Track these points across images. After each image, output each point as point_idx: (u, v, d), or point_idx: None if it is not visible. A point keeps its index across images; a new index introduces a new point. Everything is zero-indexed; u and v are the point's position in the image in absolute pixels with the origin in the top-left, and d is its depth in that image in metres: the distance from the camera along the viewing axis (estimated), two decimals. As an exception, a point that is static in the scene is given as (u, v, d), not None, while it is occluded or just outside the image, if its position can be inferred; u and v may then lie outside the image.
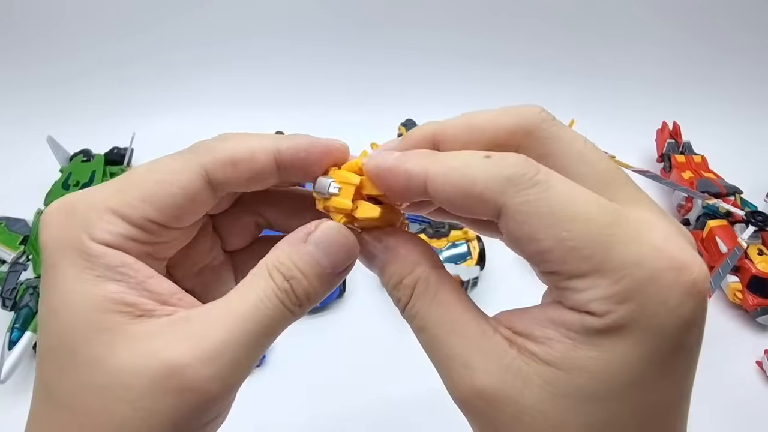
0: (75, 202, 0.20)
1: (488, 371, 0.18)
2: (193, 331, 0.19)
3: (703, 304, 0.17)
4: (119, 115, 0.92)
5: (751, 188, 0.76)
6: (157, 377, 0.18)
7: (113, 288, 0.19)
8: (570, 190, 0.18)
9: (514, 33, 1.03)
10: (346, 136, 0.83)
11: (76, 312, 0.18)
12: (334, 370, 0.57)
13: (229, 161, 0.21)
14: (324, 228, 0.21)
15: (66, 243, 0.19)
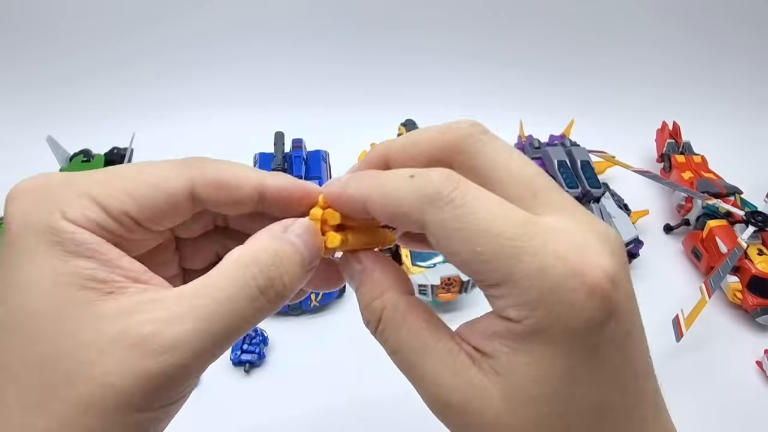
0: (52, 181, 0.20)
1: (457, 388, 0.20)
2: (164, 314, 0.18)
3: (607, 303, 0.18)
4: (119, 115, 0.92)
5: (751, 188, 0.76)
6: (123, 356, 0.18)
7: (83, 264, 0.19)
8: (483, 205, 0.19)
9: (514, 33, 1.03)
10: (346, 136, 0.83)
11: (43, 285, 0.18)
12: (333, 369, 0.57)
13: (216, 182, 0.22)
14: (302, 222, 0.22)
15: (35, 218, 0.19)
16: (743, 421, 0.54)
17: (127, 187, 0.20)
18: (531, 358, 0.19)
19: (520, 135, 0.85)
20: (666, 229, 0.76)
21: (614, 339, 0.19)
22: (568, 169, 0.73)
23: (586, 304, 0.18)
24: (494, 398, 0.19)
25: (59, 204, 0.19)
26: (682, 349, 0.58)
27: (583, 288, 0.18)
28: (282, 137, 0.76)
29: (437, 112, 0.89)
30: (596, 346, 0.19)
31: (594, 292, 0.18)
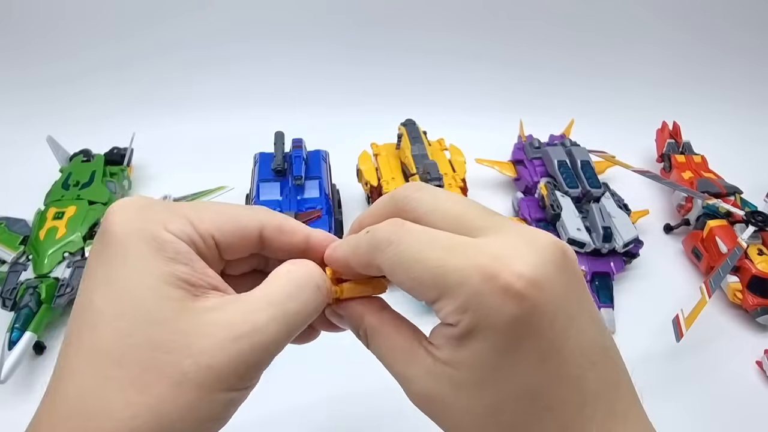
0: (150, 202, 0.24)
1: (419, 380, 0.24)
2: (243, 307, 0.23)
3: (525, 301, 0.21)
4: (119, 115, 0.92)
5: (751, 188, 0.76)
6: (216, 337, 0.21)
7: (182, 269, 0.22)
8: (414, 240, 0.23)
9: (514, 33, 1.03)
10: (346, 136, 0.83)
11: (150, 282, 0.22)
12: (333, 369, 0.57)
13: (279, 227, 0.27)
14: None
15: (139, 229, 0.22)
16: (743, 421, 0.54)
17: (215, 219, 0.25)
18: (468, 351, 0.22)
19: (520, 135, 0.85)
20: (666, 229, 0.76)
21: (541, 331, 0.22)
22: (568, 169, 0.73)
23: (504, 304, 0.21)
24: (445, 384, 0.23)
25: (161, 218, 0.23)
26: (682, 349, 0.58)
27: (498, 290, 0.21)
28: (282, 137, 0.76)
29: (437, 112, 0.89)
30: (520, 339, 0.22)
31: (507, 292, 0.21)
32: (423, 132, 0.78)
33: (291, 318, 0.24)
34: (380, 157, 0.78)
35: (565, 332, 0.22)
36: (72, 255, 0.61)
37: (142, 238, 0.22)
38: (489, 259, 0.22)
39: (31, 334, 0.53)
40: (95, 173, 0.73)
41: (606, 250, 0.65)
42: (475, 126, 0.87)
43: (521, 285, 0.21)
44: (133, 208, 0.23)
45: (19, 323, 0.54)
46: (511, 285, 0.21)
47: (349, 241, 0.26)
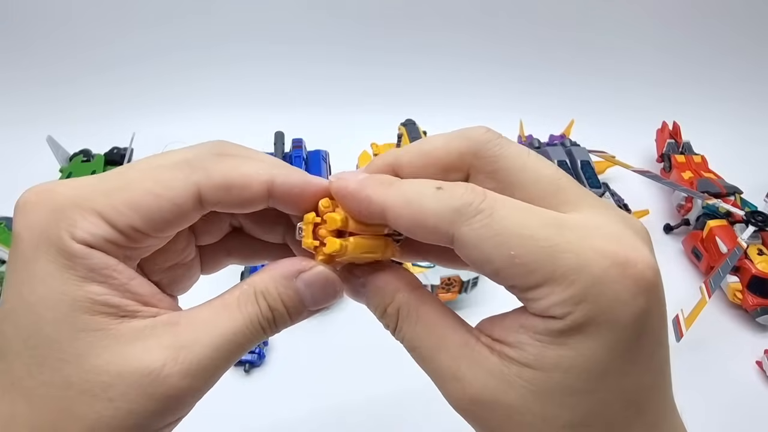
0: (57, 197, 0.20)
1: (476, 379, 0.20)
2: (177, 340, 0.20)
3: (655, 293, 0.19)
4: (119, 115, 0.92)
5: (751, 188, 0.76)
6: (138, 380, 0.19)
7: (97, 290, 0.19)
8: (512, 211, 0.19)
9: (515, 33, 1.03)
10: (346, 136, 0.83)
11: (59, 310, 0.19)
12: (333, 369, 0.57)
13: (223, 185, 0.21)
14: (316, 271, 0.22)
15: (46, 238, 0.19)
16: (743, 421, 0.54)
17: (132, 200, 0.20)
18: (567, 350, 0.19)
19: (520, 135, 0.85)
20: (666, 229, 0.76)
21: (653, 329, 0.19)
22: (568, 169, 0.73)
23: (634, 295, 0.18)
24: (516, 386, 0.19)
25: (67, 222, 0.19)
26: (682, 349, 0.58)
27: (630, 277, 0.18)
28: (282, 137, 0.76)
29: (437, 112, 0.89)
30: (639, 336, 0.19)
31: (641, 281, 0.18)
32: (423, 132, 0.78)
33: (227, 355, 0.20)
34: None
35: (664, 325, 0.20)
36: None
37: (48, 252, 0.19)
38: (612, 243, 0.19)
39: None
40: (95, 173, 0.72)
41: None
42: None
43: (652, 275, 0.19)
44: (37, 209, 0.19)
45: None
46: (644, 273, 0.18)
47: (403, 189, 0.20)
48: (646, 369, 0.20)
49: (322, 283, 0.22)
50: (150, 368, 0.19)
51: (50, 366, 0.19)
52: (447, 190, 0.20)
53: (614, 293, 0.18)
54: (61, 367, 0.19)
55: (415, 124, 0.79)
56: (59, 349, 0.19)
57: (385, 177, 0.22)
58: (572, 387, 0.19)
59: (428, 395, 0.54)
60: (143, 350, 0.19)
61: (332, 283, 0.22)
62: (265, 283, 0.21)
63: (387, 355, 0.59)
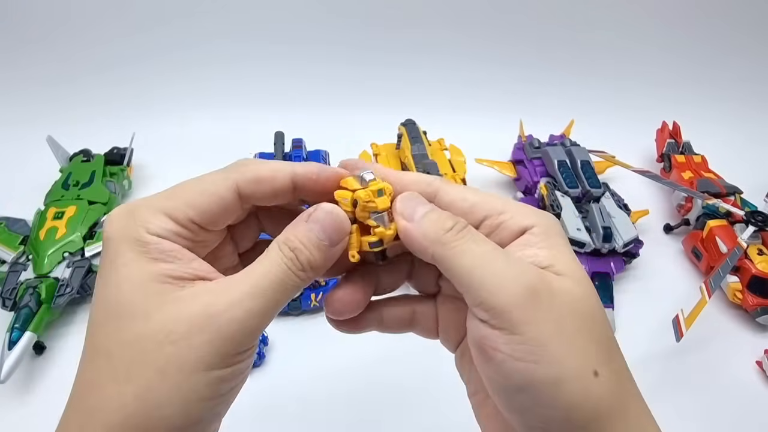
0: (135, 206, 0.25)
1: (536, 269, 0.25)
2: (222, 289, 0.24)
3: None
4: (119, 115, 0.92)
5: (751, 188, 0.76)
6: (196, 319, 0.23)
7: (165, 266, 0.24)
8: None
9: (515, 33, 1.03)
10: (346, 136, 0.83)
11: (135, 282, 0.23)
12: (333, 369, 0.57)
13: (255, 179, 0.27)
14: (320, 208, 0.26)
15: (127, 235, 0.24)
16: (743, 421, 0.54)
17: (188, 199, 0.26)
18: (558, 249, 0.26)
19: (520, 135, 0.85)
20: (666, 229, 0.76)
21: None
22: (568, 169, 0.73)
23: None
24: (565, 281, 0.25)
25: (142, 222, 0.25)
26: (682, 349, 0.58)
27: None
28: (282, 137, 0.76)
29: (437, 112, 0.89)
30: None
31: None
32: (423, 132, 0.78)
33: (268, 294, 0.24)
34: (380, 157, 0.78)
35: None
36: (72, 255, 0.61)
37: (128, 244, 0.24)
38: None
39: (31, 334, 0.53)
40: (95, 173, 0.73)
41: (606, 250, 0.65)
42: (475, 126, 0.87)
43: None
44: (121, 215, 0.25)
45: (19, 323, 0.54)
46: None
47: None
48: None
49: (329, 216, 0.26)
50: (204, 310, 0.23)
51: (125, 326, 0.23)
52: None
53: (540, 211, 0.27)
54: (133, 325, 0.23)
55: (415, 124, 0.79)
56: (132, 311, 0.23)
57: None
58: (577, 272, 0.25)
59: (429, 395, 0.55)
60: (196, 301, 0.23)
61: (337, 214, 0.26)
62: (283, 233, 0.26)
63: (388, 355, 0.59)
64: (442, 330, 0.31)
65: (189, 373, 0.22)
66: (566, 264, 0.25)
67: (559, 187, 0.72)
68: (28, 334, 0.53)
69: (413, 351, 0.57)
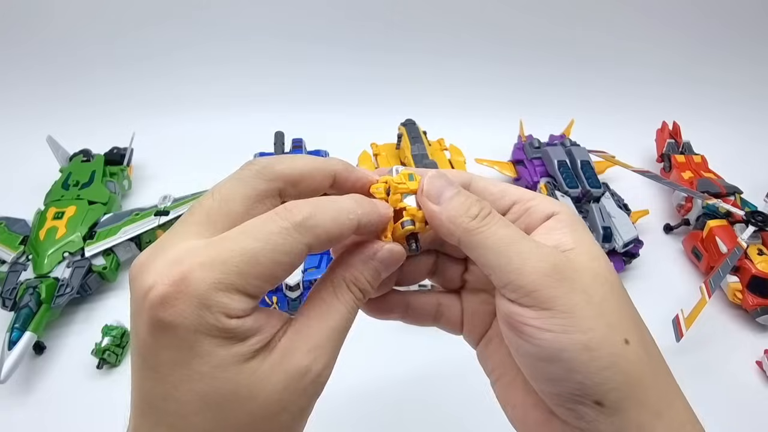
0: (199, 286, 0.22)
1: (560, 251, 0.25)
2: (305, 341, 0.24)
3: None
4: (119, 115, 0.92)
5: (751, 188, 0.76)
6: (297, 383, 0.24)
7: (253, 341, 0.23)
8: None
9: (515, 33, 1.03)
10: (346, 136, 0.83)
11: (230, 367, 0.22)
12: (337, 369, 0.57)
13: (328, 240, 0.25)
14: (387, 249, 0.27)
15: (206, 325, 0.22)
16: (743, 421, 0.54)
17: (264, 274, 0.23)
18: (582, 234, 0.27)
19: (520, 135, 0.85)
20: (666, 229, 0.76)
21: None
22: (568, 169, 0.73)
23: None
24: (582, 255, 0.26)
25: (219, 308, 0.22)
26: (682, 349, 0.58)
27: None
28: (282, 137, 0.76)
29: (437, 112, 0.89)
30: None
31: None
32: (423, 132, 0.78)
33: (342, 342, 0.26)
34: (380, 157, 0.78)
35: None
36: (72, 255, 0.61)
37: (211, 334, 0.22)
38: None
39: (31, 334, 0.53)
40: (95, 173, 0.73)
41: (606, 250, 0.65)
42: (475, 126, 0.87)
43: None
44: (188, 302, 0.22)
45: (19, 323, 0.54)
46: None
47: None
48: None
49: (392, 255, 0.27)
50: (302, 370, 0.24)
51: (231, 412, 0.23)
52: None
53: (559, 201, 0.29)
54: (241, 408, 0.23)
55: (415, 124, 0.79)
56: (237, 396, 0.23)
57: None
58: (600, 255, 0.26)
59: (430, 395, 0.54)
60: (291, 362, 0.24)
61: (398, 251, 0.27)
62: (351, 272, 0.27)
63: (389, 355, 0.59)
64: (467, 323, 0.31)
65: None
66: (589, 246, 0.26)
67: (559, 187, 0.72)
68: (28, 334, 0.53)
69: (417, 352, 0.57)
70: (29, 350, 0.54)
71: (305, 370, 0.24)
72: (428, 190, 0.27)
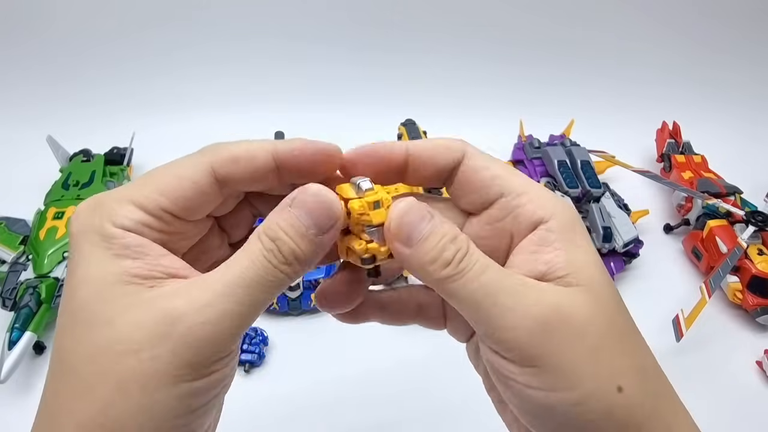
0: (102, 197, 0.23)
1: (549, 291, 0.22)
2: (191, 289, 0.21)
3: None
4: (119, 115, 0.92)
5: (751, 188, 0.76)
6: (157, 325, 0.20)
7: (130, 264, 0.21)
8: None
9: (514, 33, 1.03)
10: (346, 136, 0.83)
11: (97, 284, 0.21)
12: (333, 369, 0.57)
13: (231, 158, 0.23)
14: (304, 190, 0.22)
15: (91, 229, 0.22)
16: (743, 421, 0.54)
17: (158, 186, 0.23)
18: (578, 247, 0.24)
19: (520, 135, 0.85)
20: (666, 229, 0.76)
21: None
22: (568, 169, 0.73)
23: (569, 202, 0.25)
24: (578, 294, 0.22)
25: (108, 214, 0.22)
26: (682, 349, 0.58)
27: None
28: (282, 137, 0.76)
29: (437, 112, 0.89)
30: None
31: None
32: (423, 132, 0.78)
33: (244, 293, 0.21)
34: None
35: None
36: (72, 255, 0.61)
37: (90, 240, 0.22)
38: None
39: (31, 334, 0.54)
40: (95, 173, 0.73)
41: (606, 250, 0.65)
42: (475, 126, 0.87)
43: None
44: (87, 208, 0.22)
45: (19, 323, 0.54)
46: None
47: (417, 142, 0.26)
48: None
49: (316, 199, 0.22)
50: (167, 313, 0.20)
51: (86, 335, 0.20)
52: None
53: (562, 201, 0.25)
54: (94, 333, 0.20)
55: (415, 124, 0.79)
56: (93, 317, 0.20)
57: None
58: (600, 279, 0.23)
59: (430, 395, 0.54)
60: (164, 303, 0.20)
61: (325, 196, 0.22)
62: (264, 223, 0.22)
63: (388, 355, 0.59)
64: (451, 321, 0.29)
65: (153, 389, 0.20)
66: (584, 267, 0.23)
67: (559, 187, 0.72)
68: (28, 334, 0.53)
69: (417, 352, 0.57)
70: (29, 350, 0.54)
71: (167, 313, 0.20)
72: (396, 232, 0.23)
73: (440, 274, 0.22)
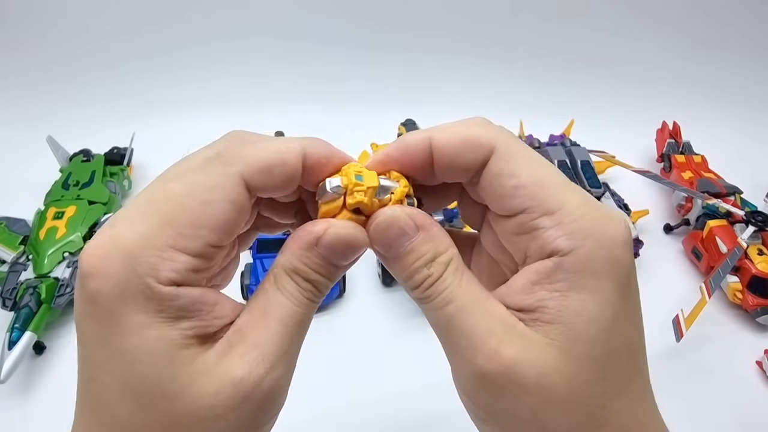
0: (131, 246, 0.19)
1: (511, 340, 0.20)
2: (248, 345, 0.21)
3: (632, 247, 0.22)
4: (119, 115, 0.92)
5: (751, 188, 0.76)
6: (234, 390, 0.20)
7: (187, 325, 0.20)
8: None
9: (515, 33, 1.03)
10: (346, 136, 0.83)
11: (156, 355, 0.19)
12: (333, 369, 0.57)
13: (265, 168, 0.21)
14: (331, 233, 0.22)
15: (132, 292, 0.19)
16: (743, 421, 0.54)
17: (194, 218, 0.20)
18: (585, 295, 0.20)
19: (520, 135, 0.85)
20: (666, 229, 0.76)
21: (635, 278, 0.22)
22: (568, 169, 0.73)
23: (625, 240, 0.21)
24: (545, 347, 0.20)
25: (149, 269, 0.19)
26: (682, 349, 0.58)
27: (619, 225, 0.21)
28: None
29: (437, 112, 0.89)
30: (631, 280, 0.21)
31: (626, 231, 0.21)
32: (423, 132, 0.78)
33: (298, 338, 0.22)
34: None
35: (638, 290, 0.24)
36: (72, 255, 0.61)
37: (136, 305, 0.19)
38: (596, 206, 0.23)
39: (31, 334, 0.53)
40: (95, 173, 0.73)
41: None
42: (475, 126, 0.87)
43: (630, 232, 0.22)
44: (115, 262, 0.19)
45: (19, 323, 0.54)
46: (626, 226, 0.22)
47: (443, 127, 0.24)
48: (635, 316, 0.21)
49: (342, 240, 0.22)
50: (240, 376, 0.20)
51: (154, 407, 0.19)
52: (485, 122, 0.24)
53: (614, 234, 0.20)
54: (165, 405, 0.19)
55: (415, 124, 0.79)
56: (162, 390, 0.19)
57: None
58: (592, 336, 0.20)
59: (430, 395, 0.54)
60: (228, 368, 0.20)
61: (351, 236, 0.22)
62: (290, 261, 0.22)
63: (388, 356, 0.59)
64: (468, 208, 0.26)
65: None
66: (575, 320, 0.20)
67: (559, 187, 0.72)
68: (28, 334, 0.53)
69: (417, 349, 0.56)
70: (29, 350, 0.54)
71: (241, 376, 0.20)
72: (376, 242, 0.23)
73: (411, 293, 0.23)
